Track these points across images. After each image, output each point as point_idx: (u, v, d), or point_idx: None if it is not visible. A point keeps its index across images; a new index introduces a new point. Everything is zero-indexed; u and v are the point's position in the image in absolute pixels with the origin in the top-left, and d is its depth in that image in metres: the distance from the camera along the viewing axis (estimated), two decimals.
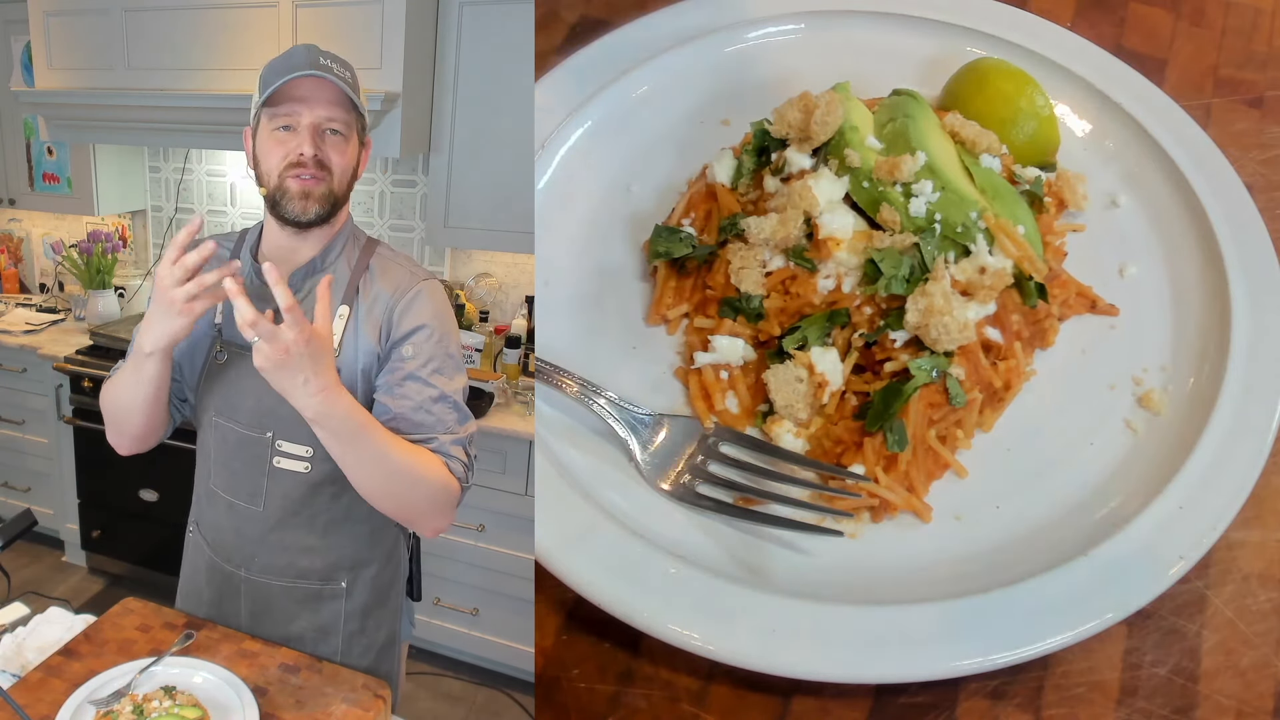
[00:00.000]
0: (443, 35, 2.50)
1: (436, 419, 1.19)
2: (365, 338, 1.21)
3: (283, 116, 1.16)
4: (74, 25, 2.74)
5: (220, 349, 1.27)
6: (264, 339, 1.01)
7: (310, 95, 1.15)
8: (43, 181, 3.26)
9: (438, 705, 2.55)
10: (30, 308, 3.37)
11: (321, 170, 1.16)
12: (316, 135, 1.16)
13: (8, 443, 3.14)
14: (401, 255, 1.29)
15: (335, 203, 1.19)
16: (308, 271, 1.24)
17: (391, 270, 1.25)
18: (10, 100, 3.15)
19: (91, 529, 3.02)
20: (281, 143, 1.16)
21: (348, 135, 1.19)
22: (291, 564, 1.29)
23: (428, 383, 1.19)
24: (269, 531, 1.28)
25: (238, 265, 1.09)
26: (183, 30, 2.60)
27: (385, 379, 1.20)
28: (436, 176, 2.61)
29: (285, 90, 1.15)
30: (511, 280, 2.88)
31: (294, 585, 1.30)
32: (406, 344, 1.20)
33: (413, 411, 1.18)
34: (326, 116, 1.16)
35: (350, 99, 1.17)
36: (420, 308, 1.22)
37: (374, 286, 1.23)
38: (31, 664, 1.18)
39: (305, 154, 1.15)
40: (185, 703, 1.05)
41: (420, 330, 1.20)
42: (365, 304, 1.22)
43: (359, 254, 1.26)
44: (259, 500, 1.27)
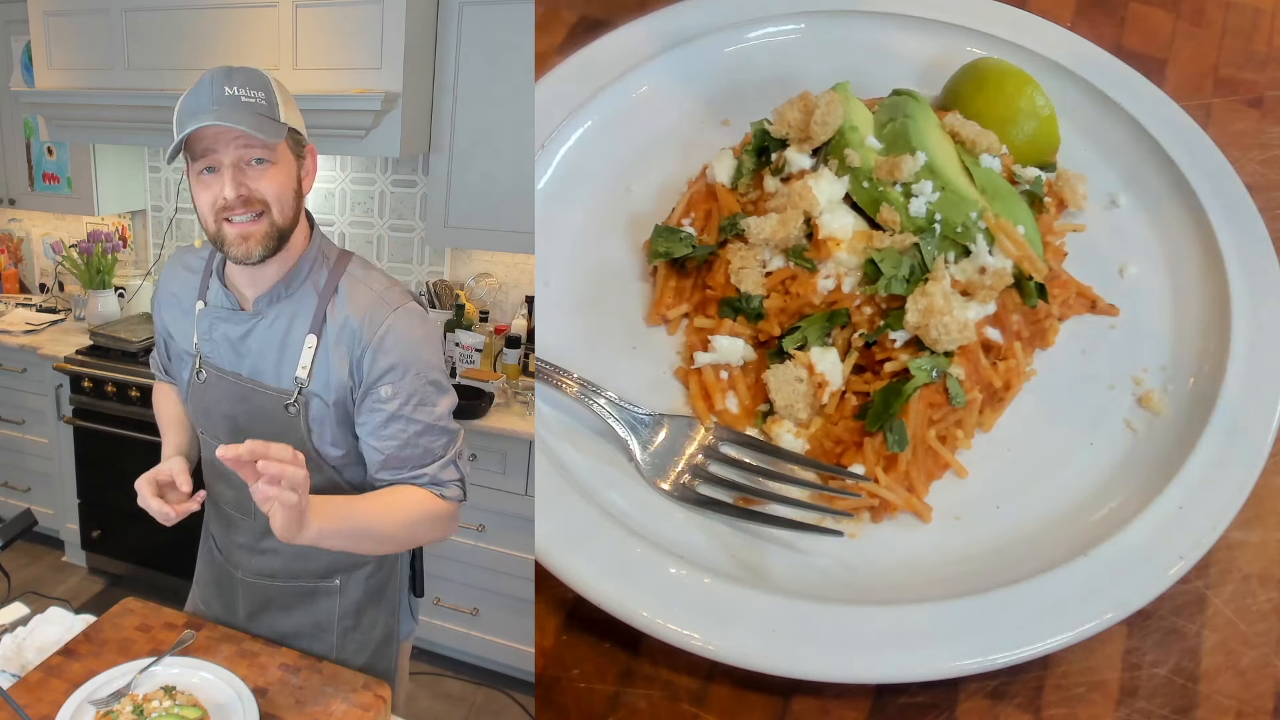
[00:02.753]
0: (443, 35, 2.50)
1: (424, 450, 1.19)
2: (335, 370, 1.17)
3: (203, 160, 1.09)
4: (74, 25, 2.74)
5: (200, 368, 1.26)
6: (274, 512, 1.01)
7: (221, 134, 1.08)
8: (43, 181, 3.26)
9: (438, 705, 2.55)
10: (30, 308, 3.37)
11: (250, 207, 1.10)
12: (238, 173, 1.09)
13: (8, 443, 3.14)
14: (373, 275, 1.23)
15: (281, 235, 1.13)
16: (272, 298, 1.19)
17: (360, 294, 1.19)
18: (10, 100, 3.15)
19: (91, 529, 3.02)
20: (207, 186, 1.10)
21: (274, 160, 1.11)
22: (285, 567, 1.31)
23: (412, 419, 1.17)
24: (261, 539, 1.30)
25: (201, 497, 1.17)
26: (183, 30, 2.60)
27: (369, 420, 1.18)
28: (436, 176, 2.61)
29: (196, 135, 1.08)
30: (511, 280, 2.88)
31: (288, 585, 1.32)
32: (383, 385, 1.16)
33: (400, 449, 1.18)
34: (244, 146, 1.08)
35: (266, 121, 1.08)
36: (392, 344, 1.16)
37: (341, 311, 1.17)
38: (31, 664, 1.18)
39: (229, 196, 1.08)
40: (185, 703, 1.05)
41: (395, 369, 1.16)
42: (333, 330, 1.17)
43: (327, 275, 1.20)
44: (250, 511, 1.28)
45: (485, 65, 2.48)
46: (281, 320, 1.19)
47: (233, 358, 1.22)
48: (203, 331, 1.24)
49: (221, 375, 1.23)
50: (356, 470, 1.26)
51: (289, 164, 1.14)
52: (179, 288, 1.29)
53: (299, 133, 1.16)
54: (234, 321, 1.21)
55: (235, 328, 1.21)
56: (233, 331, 1.21)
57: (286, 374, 1.19)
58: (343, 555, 1.30)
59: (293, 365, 1.19)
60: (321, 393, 1.18)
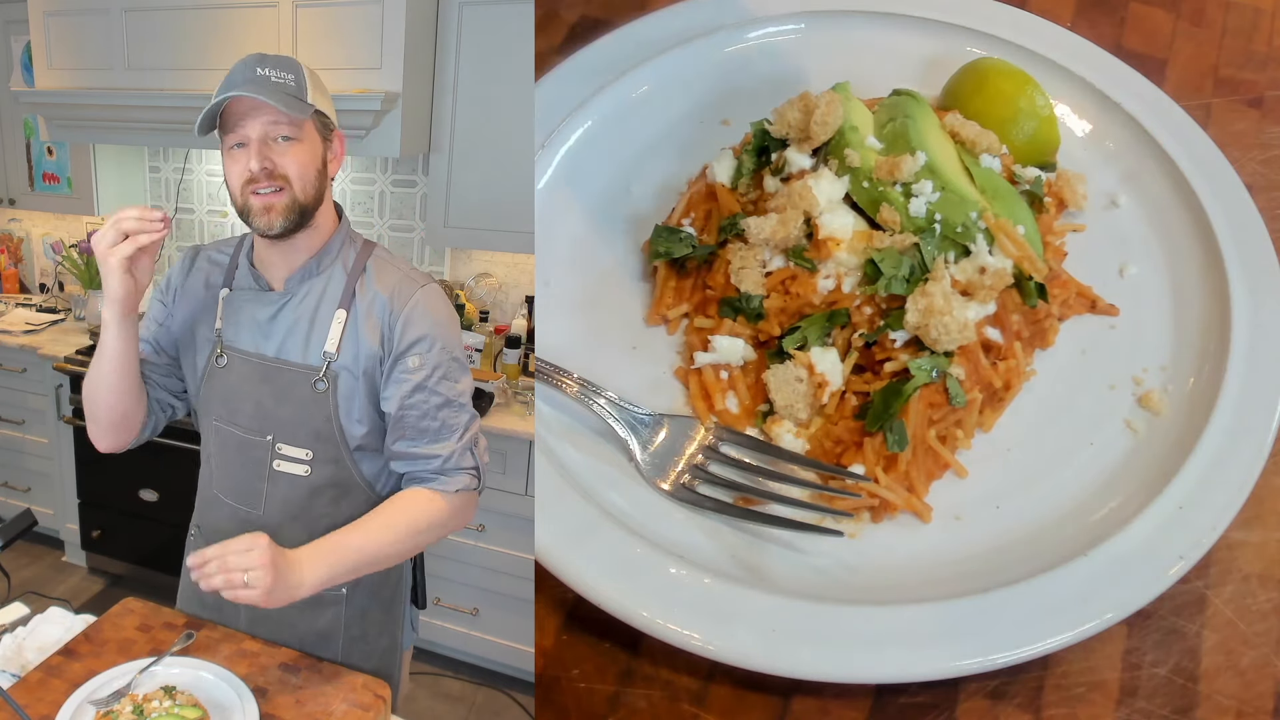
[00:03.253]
0: (443, 35, 2.50)
1: (443, 424, 1.22)
2: (366, 340, 1.21)
3: (233, 135, 1.16)
4: (74, 25, 2.74)
5: (221, 353, 1.27)
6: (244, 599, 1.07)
7: (251, 108, 1.15)
8: (43, 181, 3.26)
9: (438, 705, 2.55)
10: (30, 308, 3.37)
11: (274, 181, 1.16)
12: (264, 147, 1.15)
13: (8, 443, 3.14)
14: (398, 258, 1.29)
15: (303, 211, 1.18)
16: (304, 275, 1.24)
17: (388, 272, 1.25)
18: (10, 100, 3.14)
19: (91, 529, 3.02)
20: (237, 160, 1.17)
21: (298, 138, 1.17)
22: None
23: (435, 391, 1.21)
24: (269, 535, 1.28)
25: (165, 215, 1.14)
26: (182, 30, 2.60)
27: (394, 391, 1.21)
28: (436, 176, 2.61)
29: (229, 110, 1.16)
30: (511, 280, 2.88)
31: None
32: (411, 355, 1.21)
33: (420, 419, 1.21)
34: (271, 122, 1.15)
35: (293, 100, 1.15)
36: (419, 317, 1.21)
37: (371, 288, 1.23)
38: (31, 664, 1.18)
39: (254, 169, 1.15)
40: (185, 703, 1.05)
41: (422, 340, 1.21)
42: (363, 305, 1.22)
43: (355, 256, 1.26)
44: (259, 504, 1.27)
45: (485, 65, 2.48)
46: (311, 297, 1.24)
47: (259, 339, 1.25)
48: (228, 315, 1.27)
49: (245, 358, 1.25)
50: (373, 461, 1.27)
51: (314, 143, 1.20)
52: (203, 278, 1.31)
53: (327, 117, 1.22)
54: (263, 303, 1.25)
55: (264, 309, 1.25)
56: (261, 313, 1.25)
57: (315, 350, 1.22)
58: None
59: (321, 341, 1.22)
60: (350, 366, 1.22)
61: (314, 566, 1.13)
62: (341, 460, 1.25)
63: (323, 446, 1.24)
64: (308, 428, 1.23)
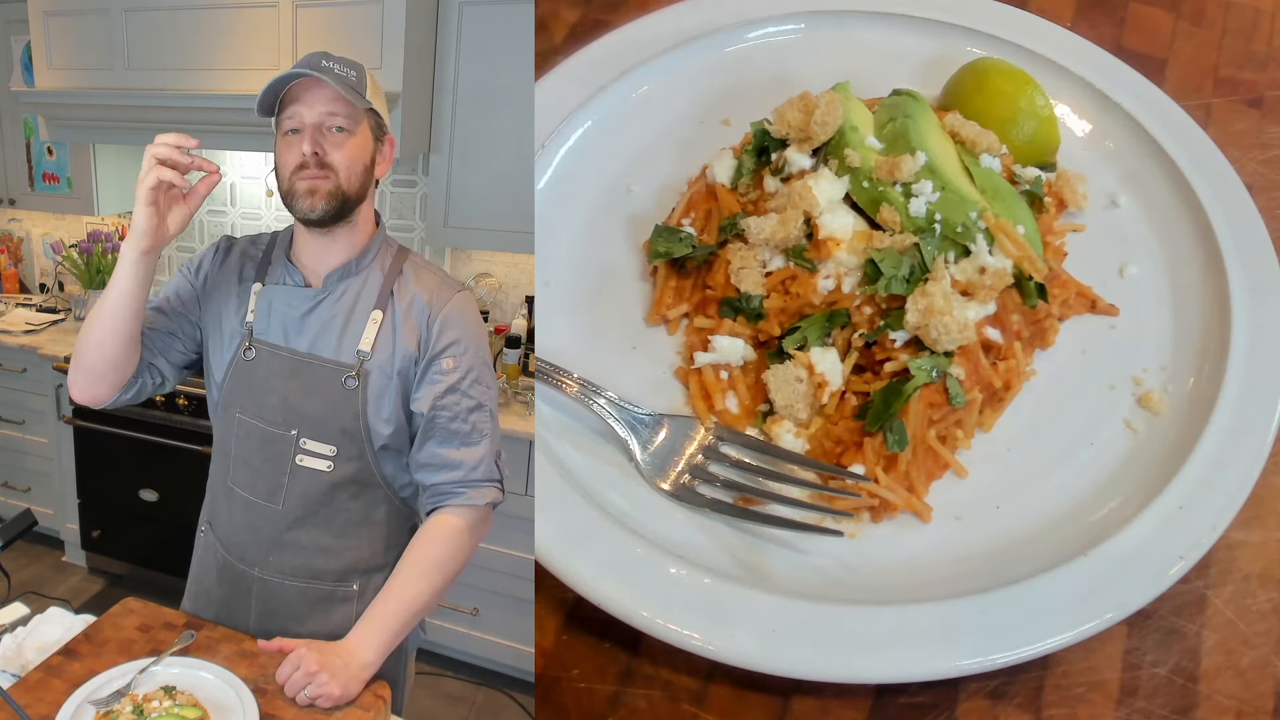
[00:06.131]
0: (443, 35, 2.50)
1: (473, 427, 1.25)
2: (404, 341, 1.24)
3: (288, 120, 1.19)
4: (74, 25, 2.74)
5: (250, 345, 1.28)
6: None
7: (308, 95, 1.18)
8: (43, 181, 3.26)
9: (438, 705, 2.55)
10: (30, 308, 3.37)
11: (323, 169, 1.18)
12: (317, 134, 1.18)
13: (8, 443, 3.14)
14: (433, 264, 1.32)
15: (345, 200, 1.20)
16: (343, 274, 1.26)
17: (425, 277, 1.28)
18: (10, 100, 3.15)
19: (91, 529, 3.02)
20: (289, 146, 1.20)
21: (352, 130, 1.20)
22: (306, 564, 1.29)
23: (467, 394, 1.24)
24: (285, 530, 1.28)
25: (215, 167, 1.16)
26: (182, 30, 2.60)
27: (425, 391, 1.24)
28: (436, 176, 2.61)
29: (288, 95, 1.19)
30: (511, 280, 2.88)
31: (307, 586, 1.30)
32: (445, 357, 1.23)
33: (450, 421, 1.24)
34: (326, 113, 1.18)
35: (352, 92, 1.18)
36: (457, 320, 1.25)
37: (409, 290, 1.26)
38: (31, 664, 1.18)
39: (305, 153, 1.17)
40: (185, 703, 1.05)
41: (458, 343, 1.24)
42: (402, 307, 1.25)
43: (392, 259, 1.29)
44: (278, 498, 1.27)
45: (485, 65, 2.48)
46: (349, 296, 1.25)
47: (291, 334, 1.26)
48: (260, 309, 1.28)
49: (274, 351, 1.26)
50: (395, 461, 1.28)
51: (366, 140, 1.23)
52: (236, 269, 1.32)
53: (381, 118, 1.26)
54: (299, 298, 1.26)
55: (299, 304, 1.26)
56: (295, 308, 1.26)
57: (348, 348, 1.24)
58: (362, 556, 1.31)
59: (355, 339, 1.24)
60: (384, 365, 1.24)
61: (366, 646, 1.16)
62: (364, 458, 1.25)
63: (348, 443, 1.24)
64: (334, 424, 1.24)
